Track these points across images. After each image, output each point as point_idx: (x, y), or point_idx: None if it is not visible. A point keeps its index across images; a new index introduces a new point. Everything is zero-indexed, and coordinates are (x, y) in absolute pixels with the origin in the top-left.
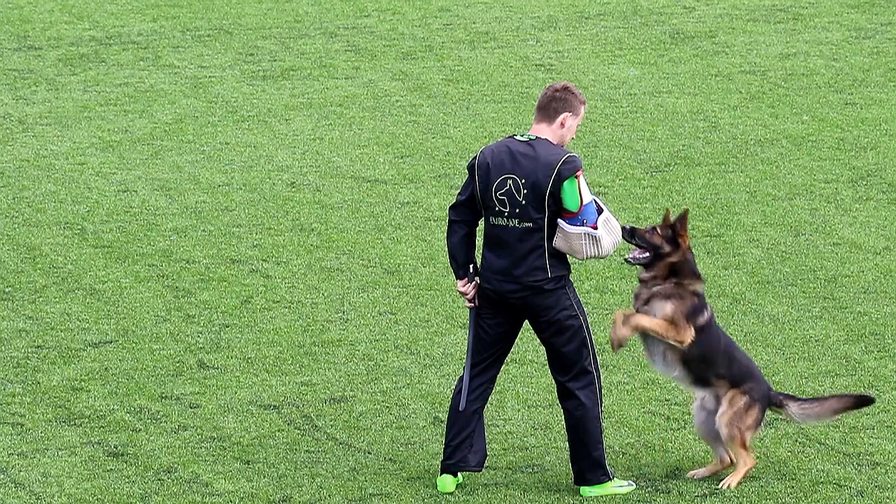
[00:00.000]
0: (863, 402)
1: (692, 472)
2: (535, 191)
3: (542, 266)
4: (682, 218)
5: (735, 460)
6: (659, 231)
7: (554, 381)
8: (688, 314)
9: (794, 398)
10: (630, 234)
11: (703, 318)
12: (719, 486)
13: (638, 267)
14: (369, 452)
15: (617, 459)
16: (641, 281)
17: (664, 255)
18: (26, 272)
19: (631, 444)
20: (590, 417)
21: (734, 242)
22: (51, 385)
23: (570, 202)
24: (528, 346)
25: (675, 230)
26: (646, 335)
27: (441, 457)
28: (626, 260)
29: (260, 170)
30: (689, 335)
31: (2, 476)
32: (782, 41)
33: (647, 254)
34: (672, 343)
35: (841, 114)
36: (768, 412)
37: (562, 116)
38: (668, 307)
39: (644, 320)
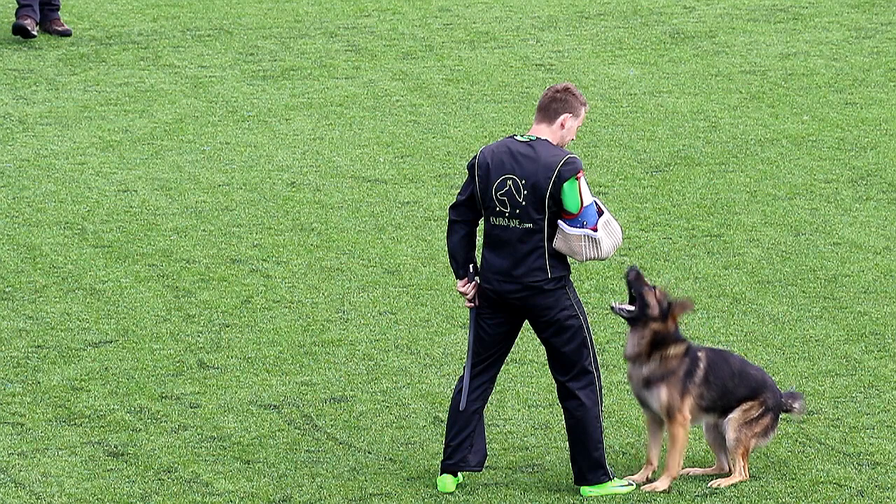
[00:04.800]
0: None
1: (687, 469)
2: (535, 192)
3: (541, 266)
4: (684, 305)
5: (732, 468)
6: (657, 294)
7: (554, 381)
8: (682, 389)
9: (794, 396)
10: (636, 276)
11: (699, 373)
12: (709, 485)
13: (625, 324)
14: (369, 452)
15: (617, 459)
16: (629, 359)
17: (649, 319)
18: (26, 272)
19: (631, 444)
20: (590, 417)
21: (734, 242)
22: (51, 385)
23: (570, 204)
24: (528, 346)
25: (671, 307)
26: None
27: (441, 457)
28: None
29: (260, 170)
30: (685, 414)
31: (2, 476)
32: (782, 41)
33: (633, 308)
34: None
35: (841, 114)
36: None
37: (562, 117)
38: (663, 395)
39: (673, 465)
